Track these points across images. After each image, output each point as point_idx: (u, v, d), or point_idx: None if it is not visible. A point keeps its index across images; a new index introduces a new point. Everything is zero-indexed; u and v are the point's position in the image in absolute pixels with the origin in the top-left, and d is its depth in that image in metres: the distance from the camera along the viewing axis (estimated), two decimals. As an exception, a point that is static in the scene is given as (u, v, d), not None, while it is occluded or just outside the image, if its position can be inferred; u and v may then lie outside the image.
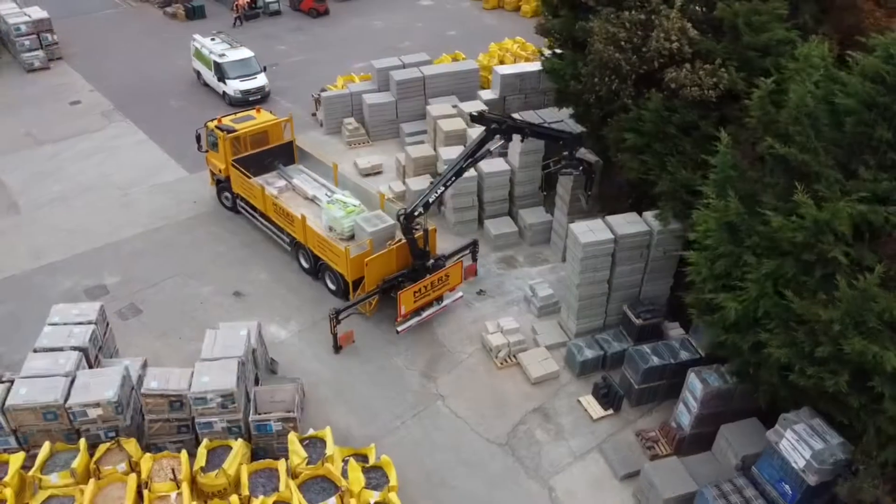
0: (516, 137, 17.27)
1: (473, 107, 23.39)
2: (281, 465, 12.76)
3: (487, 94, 24.86)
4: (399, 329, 17.01)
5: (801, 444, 11.43)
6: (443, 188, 16.45)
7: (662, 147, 15.87)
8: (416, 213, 16.27)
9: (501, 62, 29.33)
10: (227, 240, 20.92)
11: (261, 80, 28.48)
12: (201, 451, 12.88)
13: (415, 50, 29.83)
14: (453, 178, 16.52)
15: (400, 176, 23.47)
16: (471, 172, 18.65)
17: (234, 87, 27.95)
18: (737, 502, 12.09)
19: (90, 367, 14.31)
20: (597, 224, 16.19)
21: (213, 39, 29.52)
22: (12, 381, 13.49)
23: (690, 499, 12.95)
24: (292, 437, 13.23)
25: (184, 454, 12.89)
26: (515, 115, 19.73)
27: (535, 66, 25.24)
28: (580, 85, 17.67)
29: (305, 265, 19.36)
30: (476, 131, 20.98)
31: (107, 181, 23.48)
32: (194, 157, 23.53)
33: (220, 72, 28.21)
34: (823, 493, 11.72)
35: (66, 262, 19.83)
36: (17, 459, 12.65)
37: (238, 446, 12.99)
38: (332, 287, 18.63)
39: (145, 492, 12.37)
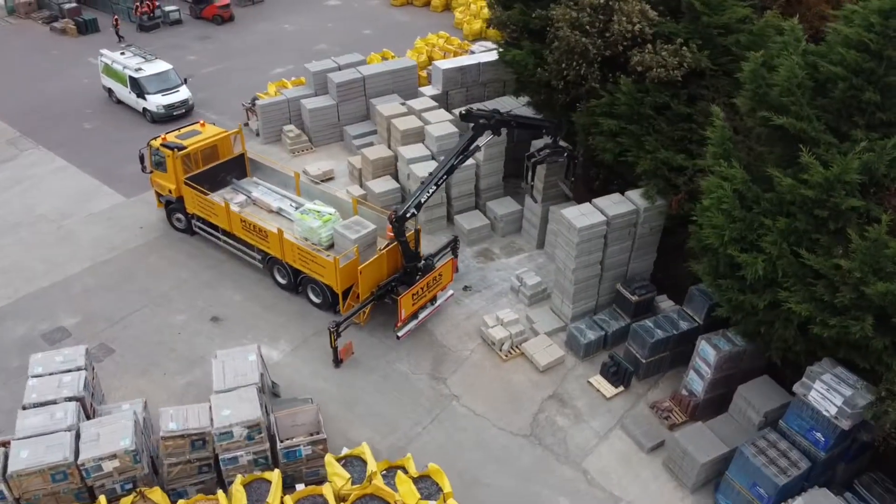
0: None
1: (420, 104, 23.11)
2: (326, 490, 12.15)
3: (430, 90, 24.64)
4: (399, 334, 16.63)
5: (830, 392, 12.16)
6: (434, 187, 16.19)
7: (638, 128, 16.37)
8: (408, 215, 15.94)
9: (430, 58, 29.24)
10: (186, 263, 19.63)
11: (183, 92, 26.82)
12: (238, 489, 12.04)
13: (331, 52, 29.16)
14: (445, 176, 16.30)
15: (355, 179, 22.90)
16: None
17: (155, 102, 26.15)
18: (774, 456, 12.72)
19: (87, 417, 13.06)
20: (586, 208, 16.48)
21: (123, 53, 27.46)
22: (6, 444, 12.09)
23: (724, 460, 13.50)
24: (329, 459, 12.64)
25: (221, 495, 12.00)
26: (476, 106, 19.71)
27: (472, 59, 25.34)
28: (545, 72, 17.94)
29: (282, 281, 18.49)
30: (435, 128, 21.02)
31: (35, 214, 21.39)
32: (131, 179, 21.93)
33: (138, 87, 26.33)
34: (850, 435, 12.58)
35: (12, 307, 17.93)
36: (31, 530, 11.37)
37: (277, 477, 12.23)
38: (317, 300, 17.91)
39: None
